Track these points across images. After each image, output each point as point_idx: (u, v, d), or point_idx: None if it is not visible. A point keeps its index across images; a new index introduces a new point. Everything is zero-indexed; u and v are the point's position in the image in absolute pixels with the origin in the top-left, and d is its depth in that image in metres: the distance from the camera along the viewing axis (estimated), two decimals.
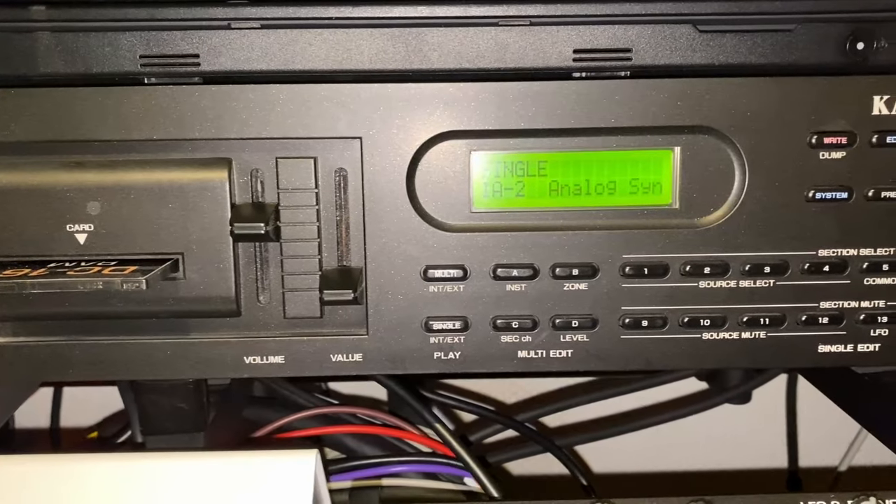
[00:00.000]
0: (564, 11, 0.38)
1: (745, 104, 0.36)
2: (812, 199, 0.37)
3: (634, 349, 0.38)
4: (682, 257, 0.37)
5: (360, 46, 0.38)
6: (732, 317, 0.38)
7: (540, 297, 0.37)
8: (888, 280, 0.38)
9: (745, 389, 0.64)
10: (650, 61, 0.38)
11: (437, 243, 0.37)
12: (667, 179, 0.37)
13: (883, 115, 0.36)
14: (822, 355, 0.38)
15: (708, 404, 0.63)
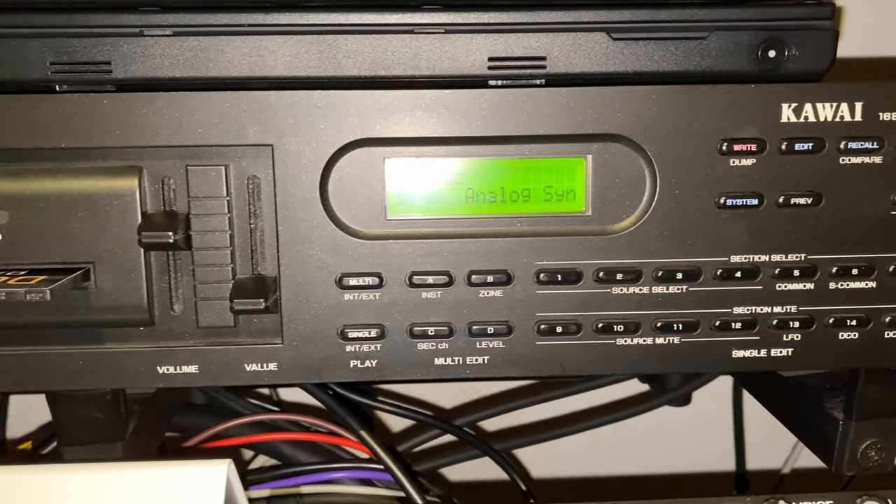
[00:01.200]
0: (479, 20, 0.38)
1: (655, 112, 0.36)
2: (723, 205, 0.37)
3: (549, 355, 0.38)
4: (595, 264, 0.38)
5: (274, 54, 0.38)
6: (646, 322, 0.38)
7: (456, 304, 0.38)
8: (800, 285, 0.38)
9: (685, 391, 0.64)
10: (564, 69, 0.38)
11: (352, 251, 0.37)
12: (580, 187, 0.37)
13: (791, 123, 0.37)
14: (736, 360, 0.39)
15: (647, 407, 0.63)
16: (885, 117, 0.37)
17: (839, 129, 0.37)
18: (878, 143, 0.37)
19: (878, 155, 0.37)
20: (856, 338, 0.39)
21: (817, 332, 0.39)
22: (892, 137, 0.37)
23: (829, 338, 0.39)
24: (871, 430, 0.43)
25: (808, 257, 0.38)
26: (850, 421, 0.42)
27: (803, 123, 0.37)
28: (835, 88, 0.37)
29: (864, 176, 0.37)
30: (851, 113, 0.37)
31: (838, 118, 0.37)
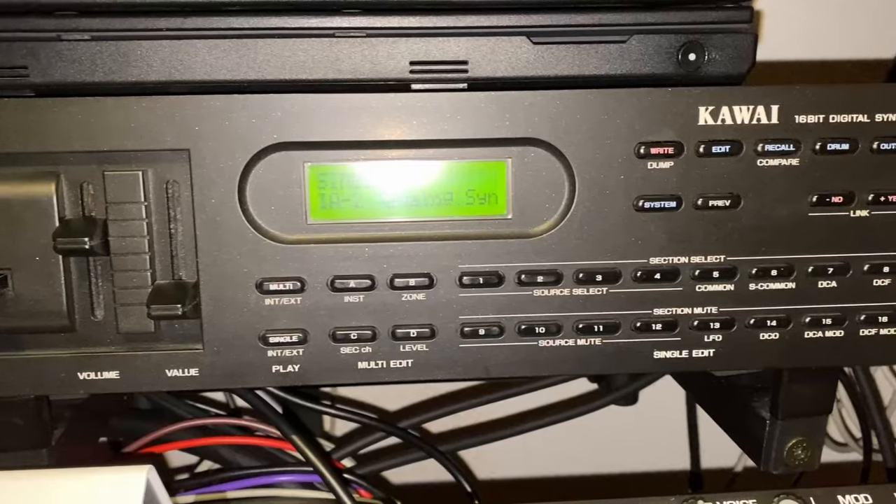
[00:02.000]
0: (401, 24, 0.38)
1: (573, 116, 0.37)
2: (641, 208, 0.38)
3: (473, 357, 0.39)
4: (516, 267, 0.38)
5: (194, 58, 0.38)
6: (567, 324, 0.38)
7: (378, 308, 0.38)
8: (719, 287, 0.39)
9: (631, 390, 0.65)
10: (486, 73, 0.39)
11: (272, 256, 0.37)
12: (501, 191, 0.38)
13: (709, 126, 0.37)
14: (658, 361, 0.39)
15: (594, 406, 0.64)
16: (801, 120, 0.37)
17: (756, 132, 0.37)
18: (795, 145, 0.37)
19: (794, 157, 0.38)
20: (776, 338, 0.39)
21: (738, 332, 0.39)
22: (808, 140, 0.37)
23: (750, 338, 0.39)
24: (797, 428, 0.43)
25: (727, 259, 0.38)
26: (775, 420, 0.43)
27: (720, 126, 0.37)
28: (751, 91, 0.37)
29: (782, 178, 0.38)
30: (768, 115, 0.37)
31: (755, 121, 0.37)
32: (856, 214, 0.38)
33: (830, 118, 0.37)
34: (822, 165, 0.38)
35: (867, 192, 0.38)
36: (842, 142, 0.37)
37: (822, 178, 0.38)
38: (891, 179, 0.38)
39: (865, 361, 0.40)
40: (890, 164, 0.38)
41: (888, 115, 0.37)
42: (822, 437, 0.44)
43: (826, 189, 0.38)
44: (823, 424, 0.43)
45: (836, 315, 0.39)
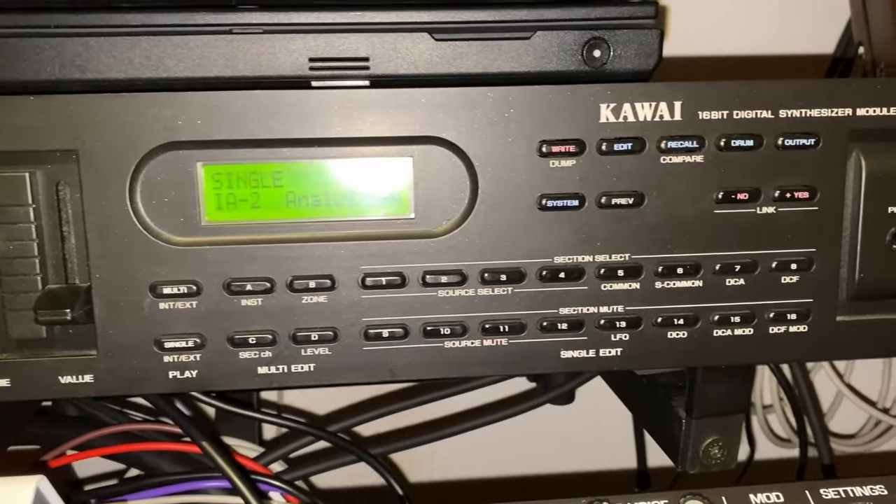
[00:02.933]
0: (299, 20, 0.37)
1: (475, 114, 0.36)
2: (545, 207, 0.37)
3: (378, 360, 0.38)
4: (420, 267, 0.37)
5: (87, 56, 0.37)
6: (473, 325, 0.38)
7: (278, 311, 0.37)
8: (625, 286, 0.38)
9: (568, 389, 0.64)
10: (388, 71, 0.38)
11: (166, 258, 0.36)
12: (404, 190, 0.37)
13: (610, 123, 0.37)
14: (565, 361, 0.39)
15: (529, 406, 0.64)
16: (705, 116, 0.37)
17: (659, 129, 0.37)
18: (699, 142, 0.37)
19: (698, 154, 0.37)
20: (685, 337, 0.39)
21: (645, 331, 0.39)
22: (712, 136, 0.37)
23: (658, 337, 0.39)
24: (713, 427, 0.43)
25: (632, 257, 0.38)
26: (691, 419, 0.43)
27: (622, 123, 0.37)
28: (653, 88, 0.37)
29: (686, 175, 0.38)
30: (671, 112, 0.37)
31: (658, 118, 0.37)
32: (762, 211, 0.38)
33: (734, 114, 0.37)
34: (726, 162, 0.38)
35: (773, 188, 0.38)
36: (746, 138, 0.37)
37: (727, 174, 0.38)
38: (796, 176, 0.38)
39: (776, 359, 0.40)
40: (795, 160, 0.38)
41: (792, 111, 0.37)
42: (738, 436, 0.44)
43: (731, 186, 0.38)
44: (739, 423, 0.43)
45: (745, 313, 0.39)
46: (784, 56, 0.73)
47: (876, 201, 0.39)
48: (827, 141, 0.38)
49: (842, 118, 0.38)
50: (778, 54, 0.73)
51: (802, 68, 0.73)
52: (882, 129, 0.38)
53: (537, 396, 0.65)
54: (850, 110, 0.38)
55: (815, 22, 0.71)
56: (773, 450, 0.79)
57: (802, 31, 0.72)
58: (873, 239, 0.39)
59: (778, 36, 0.72)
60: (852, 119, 0.38)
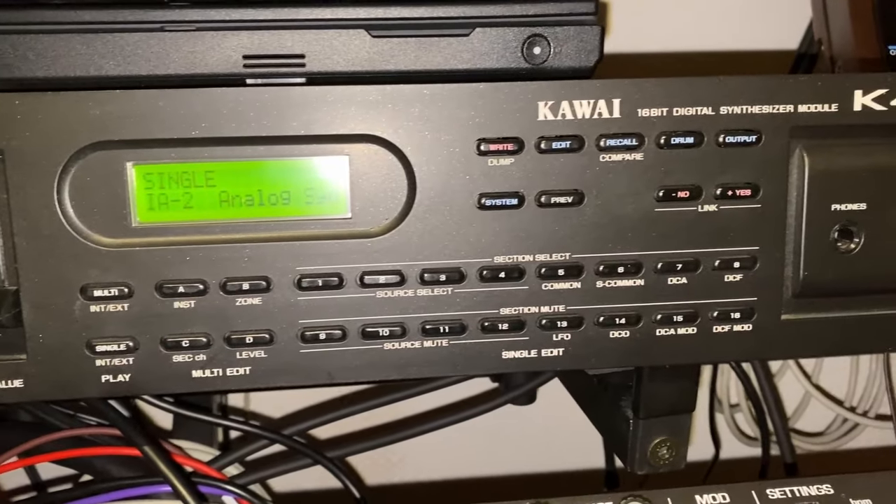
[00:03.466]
0: (233, 17, 0.37)
1: (412, 112, 0.36)
2: (483, 206, 0.37)
3: (315, 363, 0.38)
4: (358, 268, 0.37)
5: (13, 54, 0.36)
6: (413, 326, 0.38)
7: (211, 313, 0.37)
8: (566, 285, 0.38)
9: (528, 389, 0.64)
10: (324, 68, 0.38)
11: (95, 261, 0.36)
12: (341, 189, 0.37)
13: (549, 121, 0.37)
14: (506, 361, 0.39)
15: (490, 406, 0.63)
16: (644, 113, 0.37)
17: (598, 127, 0.37)
18: (638, 139, 0.37)
19: (638, 152, 0.37)
20: (627, 336, 0.39)
21: (587, 331, 0.39)
22: (651, 134, 0.37)
23: (600, 337, 0.39)
24: (661, 427, 0.43)
25: (572, 256, 0.38)
26: (638, 419, 0.43)
27: (561, 121, 0.37)
28: (591, 85, 0.37)
29: (626, 173, 0.37)
30: (609, 110, 0.37)
31: (596, 115, 0.37)
32: (703, 209, 0.38)
33: (674, 111, 0.37)
34: (666, 160, 0.37)
35: (714, 186, 0.38)
36: (686, 135, 0.37)
37: (668, 172, 0.37)
38: (737, 173, 0.38)
39: (720, 358, 0.39)
40: (736, 157, 0.38)
41: (733, 108, 0.37)
42: (687, 436, 0.44)
43: (672, 184, 0.38)
44: (687, 423, 0.43)
45: (688, 312, 0.39)
46: (753, 52, 0.73)
47: (819, 199, 0.39)
48: (769, 138, 0.38)
49: (783, 115, 0.38)
50: (747, 50, 0.73)
51: (771, 64, 0.73)
52: (824, 125, 0.38)
53: (499, 396, 0.65)
54: (792, 107, 0.38)
55: (783, 17, 0.71)
56: (742, 448, 0.79)
57: (771, 27, 0.72)
58: (817, 237, 0.39)
59: (747, 32, 0.72)
60: (794, 116, 0.38)
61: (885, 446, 0.76)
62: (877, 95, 0.38)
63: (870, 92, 0.38)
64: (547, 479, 0.81)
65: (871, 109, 0.38)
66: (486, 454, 0.77)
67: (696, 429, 0.76)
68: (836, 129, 0.38)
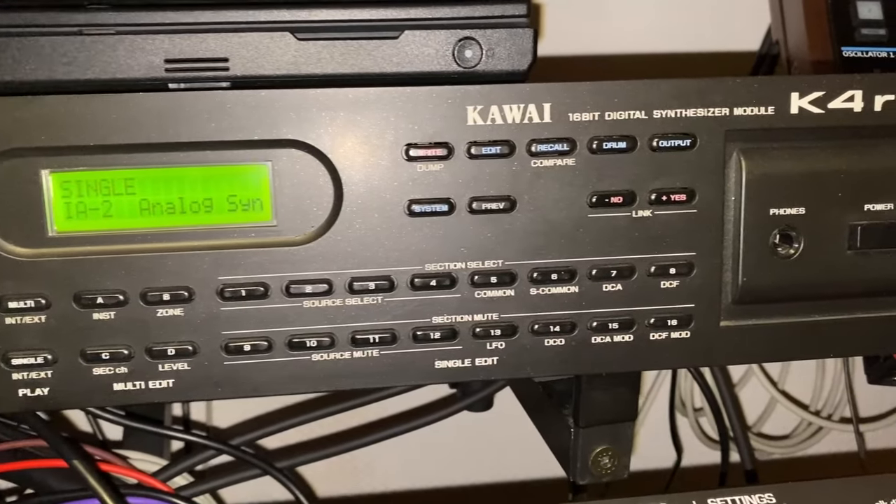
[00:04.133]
0: (154, 20, 0.36)
1: (337, 116, 0.35)
2: (413, 212, 0.36)
3: (240, 375, 0.37)
4: (283, 277, 0.36)
5: None
6: (342, 336, 0.37)
7: (131, 325, 0.36)
8: (499, 293, 0.37)
9: (485, 395, 0.64)
10: (249, 72, 0.37)
11: (11, 271, 0.35)
12: (265, 196, 0.36)
13: (478, 126, 0.36)
14: (440, 371, 0.38)
15: (446, 413, 0.63)
16: (576, 118, 0.36)
17: (528, 132, 0.36)
18: (570, 144, 0.36)
19: (570, 157, 0.37)
20: (562, 344, 0.38)
21: (521, 339, 0.38)
22: (583, 138, 0.36)
23: (535, 345, 0.38)
24: (601, 436, 0.43)
25: (505, 263, 0.37)
26: (578, 428, 0.42)
27: (490, 126, 0.36)
28: (522, 89, 0.36)
29: (558, 179, 0.37)
30: (540, 114, 0.36)
31: (527, 120, 0.36)
32: (638, 215, 0.37)
33: (606, 115, 0.36)
34: (599, 165, 0.37)
35: (648, 191, 0.37)
36: (619, 140, 0.37)
37: (601, 178, 0.37)
38: (672, 178, 0.37)
39: (658, 366, 0.39)
40: (670, 162, 0.37)
41: (666, 111, 0.37)
42: (629, 445, 0.43)
43: (605, 189, 0.37)
44: (629, 431, 0.43)
45: (624, 319, 0.38)
46: (717, 53, 0.73)
47: (757, 203, 0.38)
48: (703, 142, 0.37)
49: (718, 118, 0.37)
50: (710, 51, 0.73)
51: (734, 65, 0.72)
52: (760, 128, 0.38)
53: (455, 403, 0.64)
54: (727, 110, 0.37)
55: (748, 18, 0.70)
56: (707, 453, 0.78)
57: (735, 28, 0.71)
58: (755, 242, 0.38)
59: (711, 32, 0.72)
60: (729, 119, 0.37)
61: (850, 451, 0.76)
62: (813, 98, 0.38)
63: (806, 94, 0.38)
64: (513, 487, 0.81)
65: (808, 112, 0.38)
66: (454, 461, 0.77)
67: (658, 434, 0.76)
68: (773, 132, 0.38)
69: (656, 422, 0.77)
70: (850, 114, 0.38)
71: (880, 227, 0.39)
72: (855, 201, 0.39)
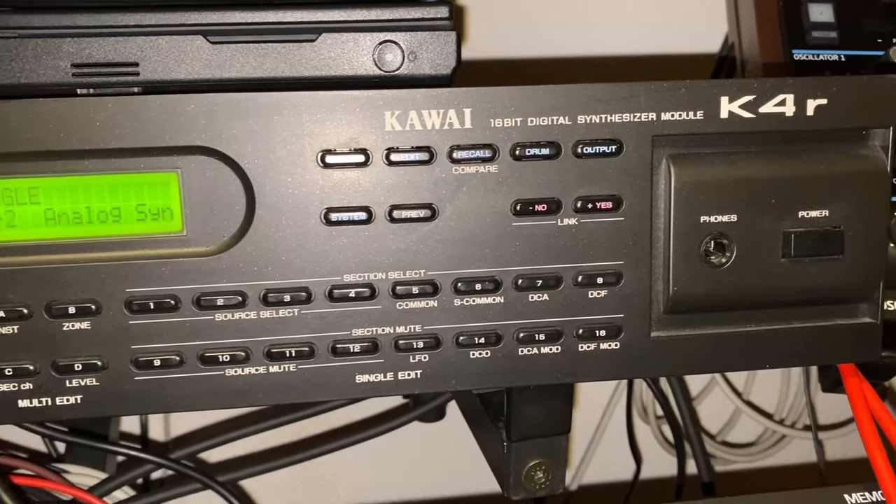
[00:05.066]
0: (60, 23, 0.35)
1: (249, 122, 0.34)
2: (330, 221, 0.35)
3: (151, 391, 0.36)
4: (194, 289, 0.35)
5: None
6: (257, 350, 0.36)
7: (36, 339, 0.35)
8: (422, 304, 0.37)
9: (436, 406, 0.63)
10: (160, 76, 0.36)
11: None
12: (175, 205, 0.35)
13: (396, 132, 0.35)
14: (361, 386, 0.37)
15: (397, 423, 0.62)
16: (497, 123, 0.36)
17: (449, 138, 0.35)
18: (492, 151, 0.36)
19: (492, 164, 0.36)
20: (488, 356, 0.37)
21: (445, 352, 0.37)
22: (505, 145, 0.36)
23: (460, 357, 0.37)
24: (535, 450, 0.42)
25: (427, 274, 0.36)
26: (511, 442, 0.41)
27: (409, 132, 0.35)
28: (441, 94, 0.35)
29: (480, 186, 0.36)
30: (460, 120, 0.35)
31: (447, 126, 0.35)
32: (563, 223, 0.37)
33: (529, 121, 0.36)
34: (522, 172, 0.36)
35: (573, 199, 0.37)
36: (542, 146, 0.36)
37: (524, 185, 0.36)
38: (597, 185, 0.37)
39: (587, 377, 0.38)
40: (596, 168, 0.36)
41: (591, 117, 0.36)
42: (563, 459, 0.42)
43: (529, 197, 0.36)
44: (563, 445, 0.42)
45: (551, 330, 0.37)
46: (678, 56, 0.72)
47: (687, 210, 0.37)
48: (630, 148, 0.36)
49: (645, 123, 0.36)
50: (671, 54, 0.72)
51: (695, 68, 0.72)
52: (689, 134, 0.37)
53: (406, 413, 0.64)
54: (654, 115, 0.36)
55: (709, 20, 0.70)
56: (671, 462, 0.78)
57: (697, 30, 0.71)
58: (686, 250, 0.38)
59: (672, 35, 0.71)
60: (657, 124, 0.37)
61: (811, 461, 0.75)
62: (744, 102, 0.37)
63: (736, 98, 0.37)
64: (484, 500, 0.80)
65: (739, 117, 0.37)
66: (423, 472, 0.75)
67: (620, 444, 0.75)
68: (703, 137, 0.37)
69: (618, 431, 0.76)
70: (782, 118, 0.37)
71: (814, 234, 0.38)
72: (788, 208, 0.38)
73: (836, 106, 0.38)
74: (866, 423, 0.41)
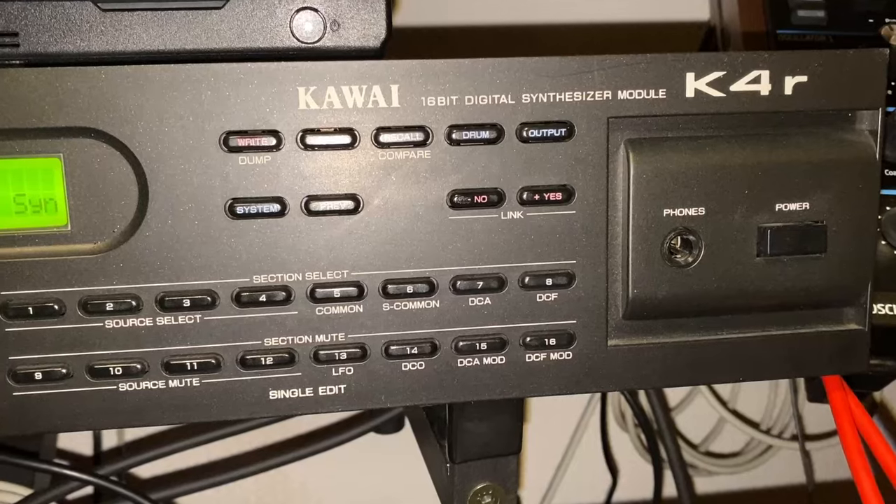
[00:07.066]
0: None
1: (141, 100, 0.30)
2: (236, 214, 0.31)
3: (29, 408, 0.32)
4: (80, 291, 0.31)
5: None
6: (154, 362, 0.32)
7: None
8: (344, 308, 0.32)
9: (392, 417, 0.59)
10: (44, 48, 0.32)
11: None
12: (60, 195, 0.31)
13: (312, 110, 0.31)
14: (275, 403, 0.33)
15: (353, 434, 0.57)
16: (430, 102, 0.31)
17: (374, 118, 0.31)
18: (424, 134, 0.31)
19: (424, 148, 0.32)
20: (422, 368, 0.33)
21: (373, 363, 0.33)
22: (440, 127, 0.31)
23: (389, 370, 0.33)
24: (480, 472, 0.38)
25: (351, 274, 0.32)
26: (454, 463, 0.37)
27: (327, 111, 0.31)
28: (364, 68, 0.31)
29: (411, 174, 0.32)
30: (387, 98, 0.31)
31: (371, 104, 0.31)
32: (507, 217, 0.32)
33: (466, 100, 0.32)
34: (459, 158, 0.32)
35: (518, 189, 0.32)
36: (481, 129, 0.32)
37: (462, 173, 0.32)
38: (545, 174, 0.32)
39: (536, 391, 0.34)
40: (543, 155, 0.32)
41: (537, 95, 0.32)
42: (514, 482, 0.38)
43: (468, 187, 0.32)
44: (513, 466, 0.38)
45: (494, 339, 0.33)
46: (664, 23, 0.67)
47: (648, 203, 0.33)
48: (582, 131, 0.32)
49: (599, 103, 0.32)
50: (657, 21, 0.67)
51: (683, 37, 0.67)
52: (650, 115, 0.33)
53: (362, 423, 0.59)
54: (610, 93, 0.32)
55: None
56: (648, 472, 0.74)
57: None
58: (647, 248, 0.34)
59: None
60: (613, 104, 0.32)
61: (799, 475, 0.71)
62: (712, 79, 0.33)
63: (704, 75, 0.33)
64: None
65: (707, 96, 0.33)
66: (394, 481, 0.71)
67: (593, 456, 0.71)
68: (666, 120, 0.33)
69: (595, 442, 0.72)
70: (757, 98, 0.33)
71: (793, 230, 0.34)
72: (764, 200, 0.34)
73: (817, 84, 0.33)
74: (852, 443, 0.37)
